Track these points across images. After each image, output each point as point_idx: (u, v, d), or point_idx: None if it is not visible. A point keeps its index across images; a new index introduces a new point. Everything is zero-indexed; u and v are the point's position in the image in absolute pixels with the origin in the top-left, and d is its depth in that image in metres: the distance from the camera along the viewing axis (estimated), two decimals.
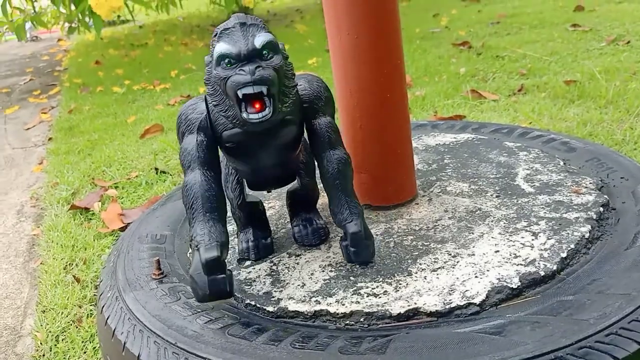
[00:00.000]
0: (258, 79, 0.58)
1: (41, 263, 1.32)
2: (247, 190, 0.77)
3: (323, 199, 0.81)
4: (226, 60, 0.60)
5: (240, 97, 0.59)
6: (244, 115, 0.60)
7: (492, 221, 0.76)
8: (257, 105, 0.60)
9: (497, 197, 0.82)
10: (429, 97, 2.21)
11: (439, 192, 0.87)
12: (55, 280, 1.20)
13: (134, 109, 2.79)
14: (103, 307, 0.72)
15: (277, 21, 5.49)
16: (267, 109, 0.60)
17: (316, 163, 0.71)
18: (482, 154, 0.98)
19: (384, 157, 0.83)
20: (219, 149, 0.69)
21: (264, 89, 0.59)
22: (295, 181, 0.77)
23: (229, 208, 0.73)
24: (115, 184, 1.74)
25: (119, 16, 6.35)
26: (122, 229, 1.39)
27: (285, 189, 0.79)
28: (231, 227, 0.80)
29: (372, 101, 0.80)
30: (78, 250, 1.33)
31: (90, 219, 1.52)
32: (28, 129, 2.78)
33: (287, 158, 0.72)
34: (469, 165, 0.95)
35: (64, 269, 1.25)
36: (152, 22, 6.81)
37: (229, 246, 0.72)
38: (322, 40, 3.84)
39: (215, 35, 0.63)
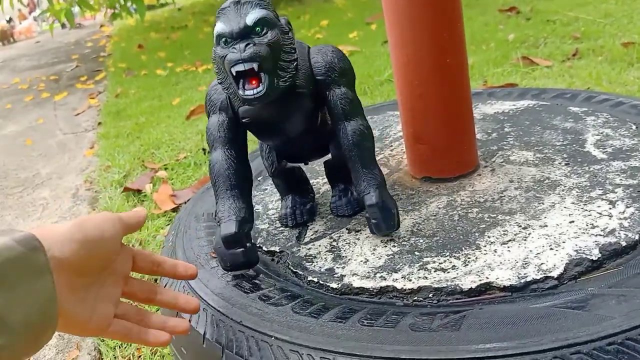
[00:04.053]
0: (247, 57, 0.59)
1: None
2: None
3: None
4: (223, 40, 0.62)
5: (234, 74, 0.60)
6: (240, 92, 0.61)
7: (563, 190, 0.72)
8: (254, 82, 0.61)
9: (566, 164, 0.78)
10: (477, 66, 2.14)
11: (501, 162, 0.83)
12: None
13: (178, 90, 2.81)
14: (166, 286, 0.72)
15: None
16: (261, 85, 0.61)
17: None
18: (546, 120, 0.93)
19: (444, 126, 0.79)
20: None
21: (255, 66, 0.60)
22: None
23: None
24: (164, 165, 1.76)
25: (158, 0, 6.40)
26: (174, 210, 1.40)
27: None
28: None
29: (430, 67, 0.76)
30: None
31: (143, 200, 1.54)
32: (77, 114, 2.84)
33: (309, 130, 0.71)
34: (532, 132, 0.90)
35: None
36: (190, 4, 6.83)
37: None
38: (362, 13, 3.77)
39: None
